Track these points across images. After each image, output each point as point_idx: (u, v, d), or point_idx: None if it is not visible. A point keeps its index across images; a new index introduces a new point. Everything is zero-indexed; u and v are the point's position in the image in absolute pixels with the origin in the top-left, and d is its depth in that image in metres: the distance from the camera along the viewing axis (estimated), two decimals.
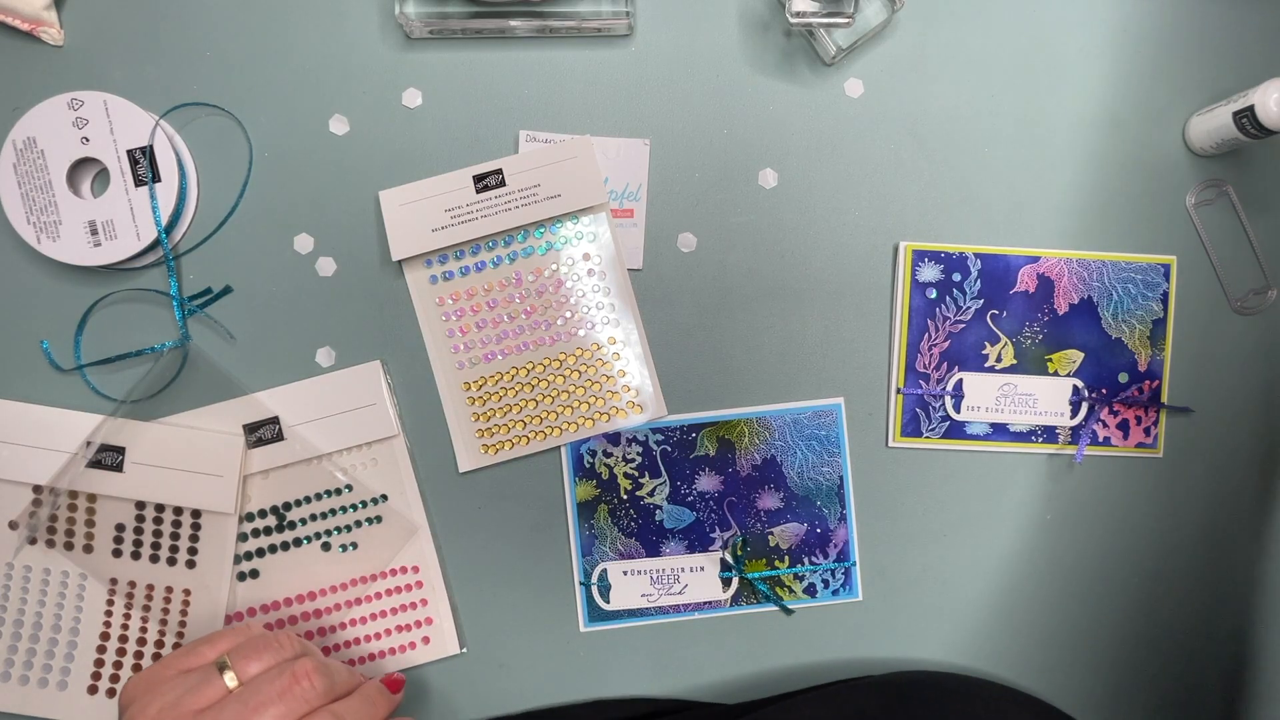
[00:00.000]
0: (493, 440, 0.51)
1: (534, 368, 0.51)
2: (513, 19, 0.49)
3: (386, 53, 0.51)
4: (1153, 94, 0.53)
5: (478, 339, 0.51)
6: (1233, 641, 0.54)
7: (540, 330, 0.51)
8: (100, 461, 0.49)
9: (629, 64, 0.51)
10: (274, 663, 0.42)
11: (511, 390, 0.51)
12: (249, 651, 0.43)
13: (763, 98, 0.52)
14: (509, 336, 0.51)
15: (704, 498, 0.52)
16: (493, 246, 0.50)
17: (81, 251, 0.49)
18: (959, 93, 0.52)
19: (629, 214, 0.51)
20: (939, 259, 0.52)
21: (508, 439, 0.51)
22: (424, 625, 0.51)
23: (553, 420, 0.51)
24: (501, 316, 0.51)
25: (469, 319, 0.51)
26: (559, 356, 0.51)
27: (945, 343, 0.52)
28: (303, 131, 0.51)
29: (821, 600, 0.52)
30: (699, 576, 0.52)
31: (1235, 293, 0.53)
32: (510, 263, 0.51)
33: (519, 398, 0.51)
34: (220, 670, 0.41)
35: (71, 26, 0.50)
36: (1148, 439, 0.53)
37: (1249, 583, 0.53)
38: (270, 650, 0.43)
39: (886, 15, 0.51)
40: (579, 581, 0.52)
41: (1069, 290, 0.52)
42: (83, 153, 0.48)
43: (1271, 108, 0.47)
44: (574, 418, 0.51)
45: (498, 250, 0.51)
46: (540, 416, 0.51)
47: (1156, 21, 0.53)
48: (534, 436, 0.51)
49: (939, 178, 0.52)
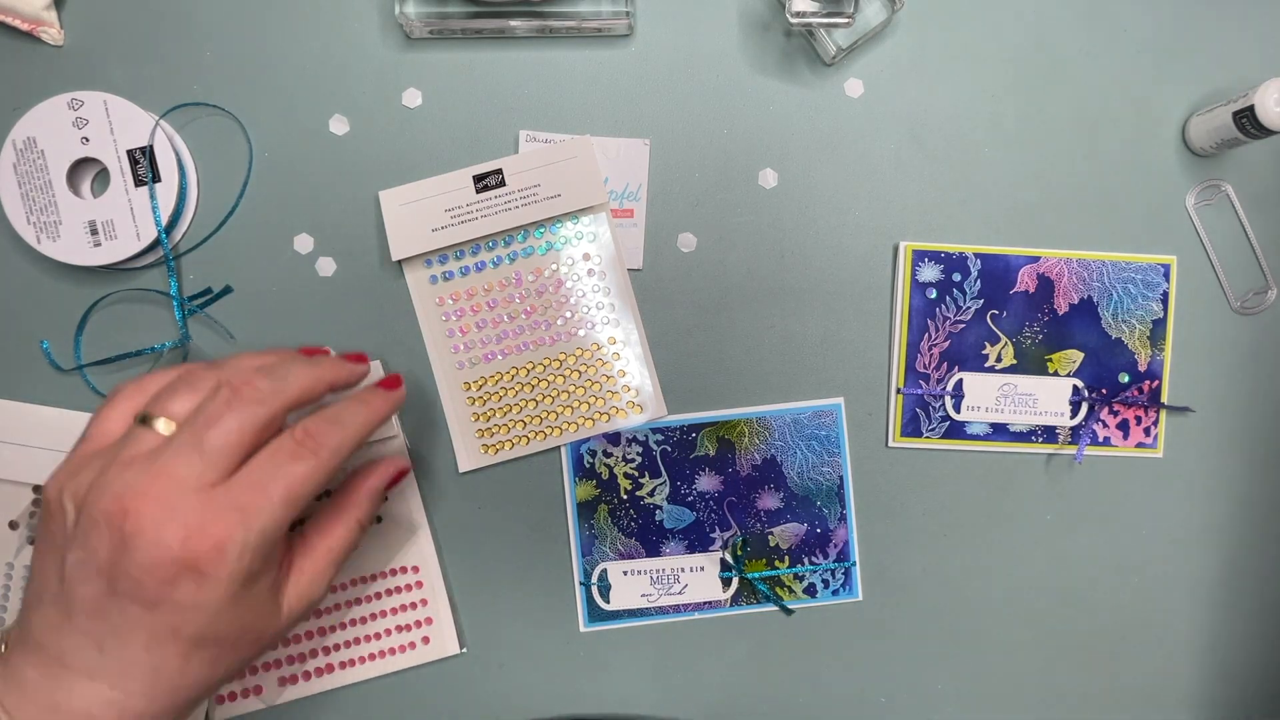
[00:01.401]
0: (493, 440, 0.51)
1: (534, 368, 0.51)
2: (513, 19, 0.49)
3: (386, 53, 0.51)
4: (1153, 94, 0.53)
5: (477, 339, 0.51)
6: (1233, 642, 0.54)
7: (540, 330, 0.51)
8: None
9: (629, 64, 0.51)
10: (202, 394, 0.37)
11: (511, 390, 0.51)
12: (165, 397, 0.37)
13: (763, 98, 0.52)
14: (509, 336, 0.51)
15: (704, 498, 0.52)
16: (493, 246, 0.50)
17: (81, 251, 0.49)
18: (959, 93, 0.52)
19: (629, 214, 0.51)
20: (939, 259, 0.52)
21: (507, 439, 0.51)
22: (424, 625, 0.51)
23: (553, 420, 0.51)
24: (501, 316, 0.51)
25: (469, 319, 0.51)
26: (559, 356, 0.51)
27: (945, 343, 0.52)
28: (303, 131, 0.51)
29: (821, 600, 0.52)
30: (699, 576, 0.52)
31: (1235, 293, 0.53)
32: (510, 263, 0.51)
33: (519, 398, 0.51)
34: (144, 423, 0.36)
35: (71, 26, 0.50)
36: (1148, 439, 0.53)
37: (1249, 583, 0.53)
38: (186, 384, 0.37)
39: (886, 15, 0.51)
40: (579, 581, 0.52)
41: (1069, 290, 0.52)
42: (83, 153, 0.48)
43: (1271, 108, 0.47)
44: (574, 418, 0.51)
45: (498, 250, 0.51)
46: (540, 416, 0.51)
47: (1156, 21, 0.53)
48: (534, 436, 0.51)
49: (939, 178, 0.52)
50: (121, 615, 0.34)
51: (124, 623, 0.35)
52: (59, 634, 0.35)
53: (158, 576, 0.34)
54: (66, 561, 0.35)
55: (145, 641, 0.35)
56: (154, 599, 0.34)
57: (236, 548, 0.35)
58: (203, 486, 0.35)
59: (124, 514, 0.34)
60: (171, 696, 0.36)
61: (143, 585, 0.34)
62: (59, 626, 0.35)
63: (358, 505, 0.43)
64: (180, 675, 0.36)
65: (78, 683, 0.35)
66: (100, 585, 0.34)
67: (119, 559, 0.34)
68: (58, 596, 0.35)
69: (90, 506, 0.35)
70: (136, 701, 0.35)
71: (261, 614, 0.38)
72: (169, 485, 0.35)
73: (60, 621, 0.35)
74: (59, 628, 0.35)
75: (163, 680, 0.35)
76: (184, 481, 0.35)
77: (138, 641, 0.35)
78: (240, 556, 0.35)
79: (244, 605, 0.36)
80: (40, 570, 0.37)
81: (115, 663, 0.35)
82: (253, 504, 0.35)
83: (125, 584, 0.34)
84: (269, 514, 0.36)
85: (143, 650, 0.35)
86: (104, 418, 0.39)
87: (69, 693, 0.35)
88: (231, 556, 0.35)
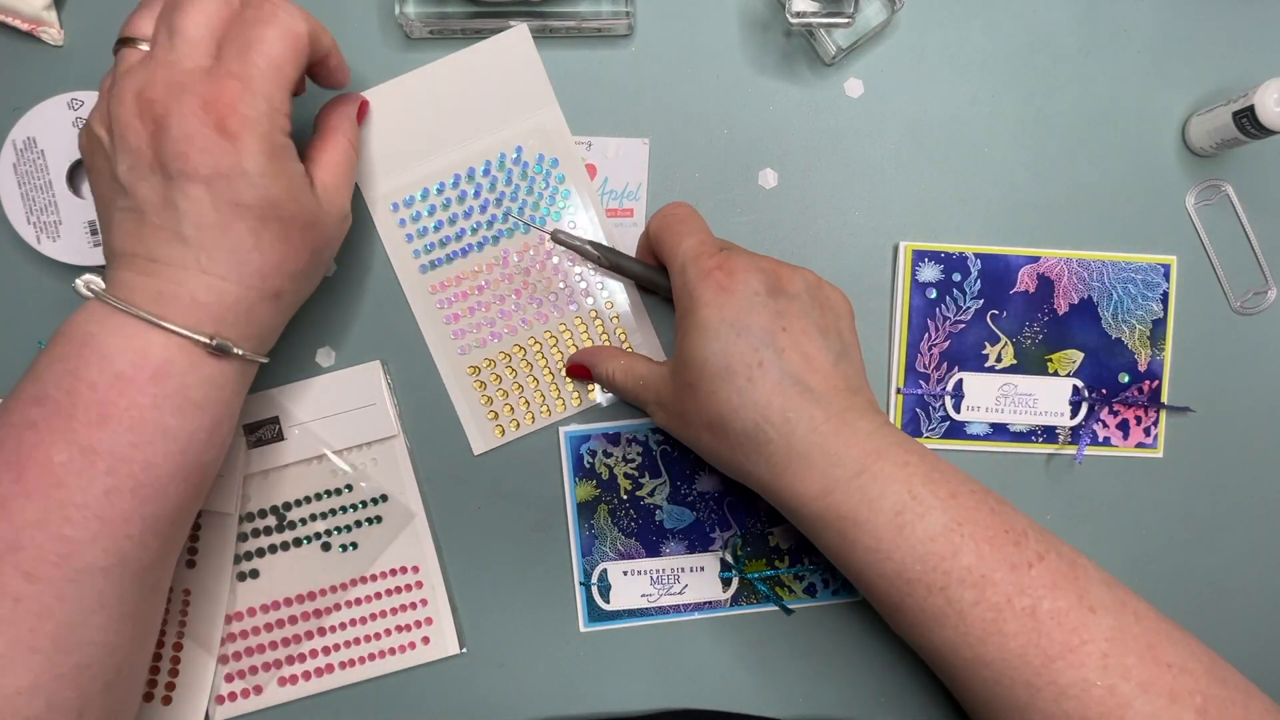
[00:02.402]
0: (503, 420, 0.51)
1: (535, 345, 0.51)
2: (513, 19, 0.49)
3: (386, 53, 0.51)
4: (1153, 94, 0.53)
5: (471, 324, 0.51)
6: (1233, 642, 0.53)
7: (535, 307, 0.51)
8: None
9: (629, 64, 0.51)
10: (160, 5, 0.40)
11: (522, 368, 0.51)
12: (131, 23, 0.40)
13: (763, 98, 0.52)
14: (507, 316, 0.51)
15: (704, 498, 0.52)
16: (476, 230, 0.50)
17: (81, 251, 0.49)
18: (959, 93, 0.52)
19: (629, 214, 0.51)
20: (939, 259, 0.52)
21: (514, 418, 0.51)
22: (424, 625, 0.51)
23: (563, 392, 0.51)
24: (494, 298, 0.51)
25: (462, 304, 0.51)
26: (558, 331, 0.51)
27: (945, 343, 0.52)
28: (303, 131, 0.51)
29: (822, 600, 0.52)
30: (699, 576, 0.52)
31: (1235, 293, 0.53)
32: (494, 244, 0.51)
33: (526, 376, 0.51)
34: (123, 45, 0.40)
35: (71, 26, 0.50)
36: (1148, 439, 0.53)
37: (1249, 583, 0.53)
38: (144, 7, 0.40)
39: (886, 15, 0.51)
40: (579, 581, 0.52)
41: (1069, 290, 0.52)
42: None
43: (1271, 108, 0.47)
44: (583, 387, 0.51)
45: (481, 233, 0.50)
46: (543, 395, 0.51)
47: (1156, 21, 0.53)
48: (541, 415, 0.51)
49: (939, 178, 0.52)
50: (186, 198, 0.37)
51: (190, 206, 0.37)
52: (140, 238, 0.38)
53: (198, 145, 0.37)
54: (119, 175, 0.38)
55: (214, 221, 0.38)
56: (203, 170, 0.37)
57: (248, 108, 0.37)
58: (197, 68, 0.38)
59: (147, 104, 0.37)
60: (258, 280, 0.39)
61: (187, 158, 0.37)
62: (137, 231, 0.38)
63: (340, 129, 0.46)
64: (257, 253, 0.39)
65: (175, 273, 0.38)
66: (156, 178, 0.37)
67: (159, 144, 0.37)
68: (126, 208, 0.39)
69: (116, 119, 0.38)
70: (230, 285, 0.39)
71: (305, 192, 0.41)
72: (170, 72, 0.37)
73: (136, 226, 0.38)
74: (138, 232, 0.38)
75: (243, 260, 0.39)
76: (179, 65, 0.38)
77: (208, 221, 0.38)
78: (257, 119, 0.38)
79: (285, 176, 0.39)
80: (102, 198, 0.40)
81: (197, 250, 0.38)
82: (243, 72, 0.38)
83: (174, 164, 0.37)
84: (261, 78, 0.38)
85: (217, 231, 0.38)
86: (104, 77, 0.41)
87: (171, 282, 0.38)
88: (249, 117, 0.37)
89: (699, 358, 0.41)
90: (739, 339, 0.40)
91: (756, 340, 0.40)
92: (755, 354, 0.40)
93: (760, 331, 0.40)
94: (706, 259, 0.42)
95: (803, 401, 0.40)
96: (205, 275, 0.38)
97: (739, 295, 0.41)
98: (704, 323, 0.41)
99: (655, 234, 0.46)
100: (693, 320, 0.41)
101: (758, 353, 0.40)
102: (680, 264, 0.43)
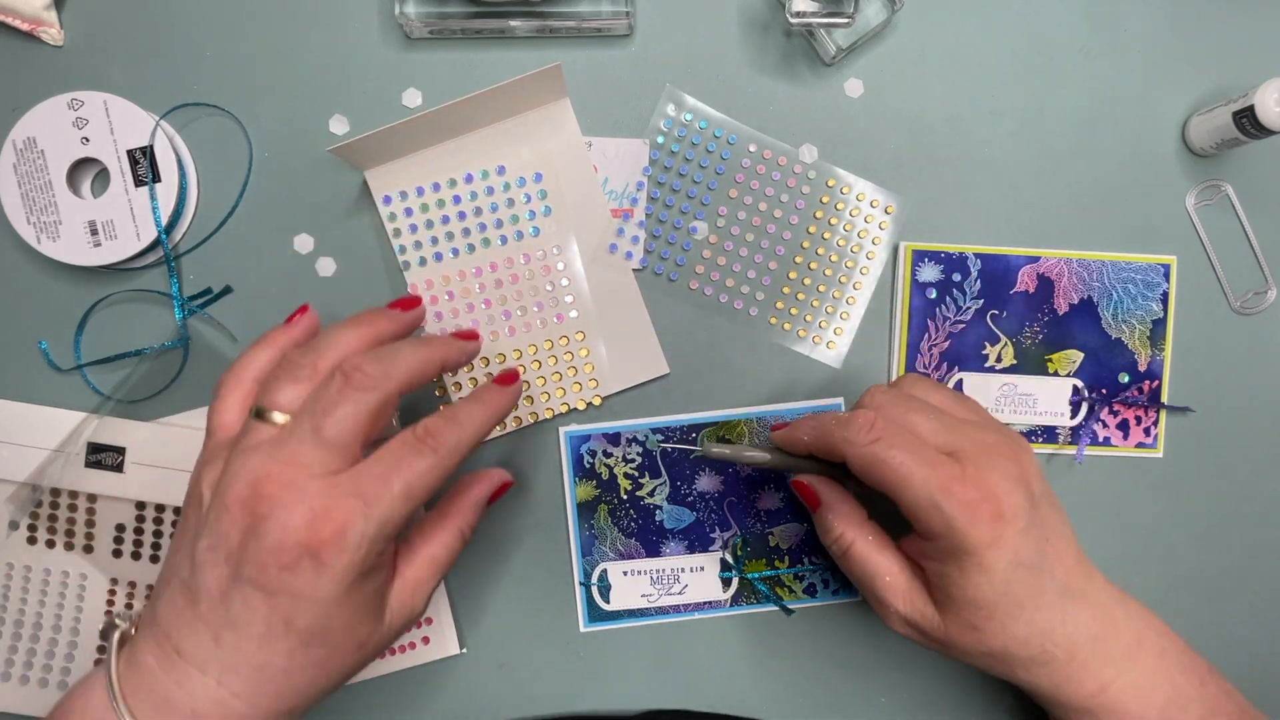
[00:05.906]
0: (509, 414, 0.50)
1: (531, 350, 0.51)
2: (513, 19, 0.49)
3: (386, 53, 0.51)
4: (1153, 94, 0.53)
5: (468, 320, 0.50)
6: (1232, 642, 0.54)
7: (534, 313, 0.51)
8: (100, 462, 0.49)
9: (629, 64, 0.51)
10: (304, 382, 0.38)
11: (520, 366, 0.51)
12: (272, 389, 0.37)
13: (763, 98, 0.52)
14: (509, 317, 0.51)
15: (704, 498, 0.52)
16: (467, 234, 0.50)
17: (81, 251, 0.49)
18: (959, 93, 0.52)
19: (629, 214, 0.51)
20: (939, 259, 0.52)
21: (516, 415, 0.51)
22: (424, 625, 0.51)
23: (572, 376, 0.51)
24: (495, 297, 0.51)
25: (459, 302, 0.50)
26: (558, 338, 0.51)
27: (945, 343, 0.52)
28: (303, 131, 0.51)
29: (821, 600, 0.52)
30: (699, 576, 0.52)
31: (1235, 293, 0.53)
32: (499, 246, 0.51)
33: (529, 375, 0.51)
34: (258, 417, 0.37)
35: (71, 26, 0.50)
36: (1148, 439, 0.53)
37: (1249, 583, 0.53)
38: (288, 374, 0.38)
39: (886, 15, 0.51)
40: (579, 581, 0.52)
41: (1069, 290, 0.52)
42: (83, 153, 0.48)
43: (1271, 108, 0.47)
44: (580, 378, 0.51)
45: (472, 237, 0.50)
46: (543, 379, 0.51)
47: (1156, 21, 0.53)
48: (544, 413, 0.51)
49: (939, 178, 0.52)
50: (242, 603, 0.35)
51: (243, 611, 0.35)
52: (181, 620, 0.36)
53: (281, 561, 0.35)
54: (197, 548, 0.36)
55: (259, 635, 0.35)
56: (274, 586, 0.35)
57: (356, 536, 0.35)
58: (326, 473, 0.35)
59: (257, 498, 0.35)
60: (274, 701, 0.37)
61: (265, 569, 0.35)
62: (182, 612, 0.36)
63: (461, 514, 0.43)
64: (285, 675, 0.36)
65: (190, 675, 0.36)
66: (226, 570, 0.35)
67: (248, 542, 0.35)
68: (186, 582, 0.36)
69: (223, 492, 0.36)
70: (239, 704, 0.36)
71: (368, 618, 0.38)
72: (296, 470, 0.35)
73: (185, 607, 0.36)
74: (182, 613, 0.36)
75: (267, 680, 0.36)
76: (309, 468, 0.35)
77: (252, 634, 0.35)
78: (359, 546, 0.35)
79: (354, 603, 0.37)
80: (174, 557, 0.38)
81: (227, 657, 0.36)
82: (373, 493, 0.35)
83: (249, 569, 0.35)
84: (389, 505, 0.36)
85: (255, 645, 0.36)
86: (218, 412, 0.40)
87: (180, 686, 0.36)
88: (351, 544, 0.35)
89: (988, 600, 0.39)
90: (1028, 574, 0.39)
91: (1039, 566, 0.39)
92: (1039, 582, 0.40)
93: (1039, 556, 0.39)
94: (958, 486, 0.38)
95: (1075, 608, 0.40)
96: (218, 689, 0.36)
97: (1015, 524, 0.39)
98: (990, 566, 0.39)
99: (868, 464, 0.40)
100: (974, 563, 0.39)
101: (1040, 580, 0.40)
102: (928, 501, 0.38)
